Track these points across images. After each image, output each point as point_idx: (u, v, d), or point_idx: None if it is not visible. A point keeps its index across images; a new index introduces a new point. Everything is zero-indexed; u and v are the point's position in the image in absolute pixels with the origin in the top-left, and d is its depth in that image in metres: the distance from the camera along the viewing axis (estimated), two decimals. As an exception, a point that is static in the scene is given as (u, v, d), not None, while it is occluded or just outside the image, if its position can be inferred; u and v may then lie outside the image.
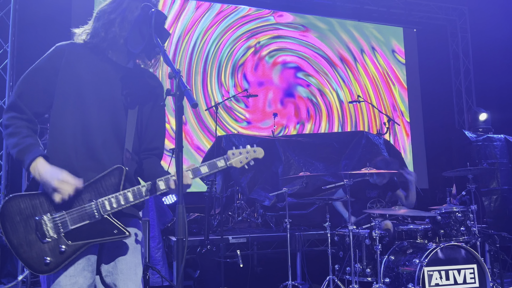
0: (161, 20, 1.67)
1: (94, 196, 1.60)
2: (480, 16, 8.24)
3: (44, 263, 1.54)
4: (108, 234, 1.61)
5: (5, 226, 1.55)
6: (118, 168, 1.64)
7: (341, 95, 7.90)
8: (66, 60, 1.70)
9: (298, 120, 7.51)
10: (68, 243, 1.57)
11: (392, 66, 8.39)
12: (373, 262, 3.76)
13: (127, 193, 1.62)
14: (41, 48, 6.49)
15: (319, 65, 7.83)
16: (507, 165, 5.89)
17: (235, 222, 5.54)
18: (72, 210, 1.59)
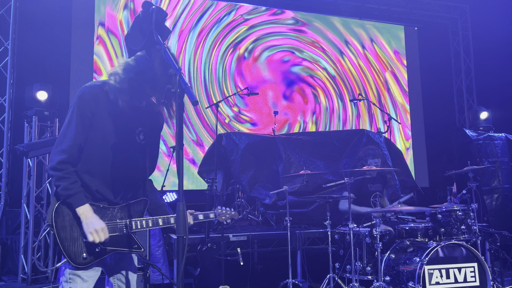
0: (161, 17, 1.67)
1: (125, 216, 2.03)
2: (482, 15, 8.23)
3: (82, 257, 1.90)
4: (129, 246, 2.02)
5: (56, 222, 1.89)
6: (143, 200, 2.11)
7: (342, 93, 7.89)
8: (98, 103, 1.91)
9: (300, 117, 7.50)
10: (101, 246, 1.93)
11: (393, 64, 8.37)
12: (373, 261, 3.76)
13: (148, 220, 2.06)
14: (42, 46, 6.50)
15: (320, 63, 7.82)
16: (508, 163, 5.88)
17: (236, 220, 5.54)
18: (108, 222, 1.95)
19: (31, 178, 5.30)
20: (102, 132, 1.93)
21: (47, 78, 5.72)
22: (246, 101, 7.22)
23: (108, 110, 1.92)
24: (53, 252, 5.29)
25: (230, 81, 7.24)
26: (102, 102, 1.91)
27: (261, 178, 5.47)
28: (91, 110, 1.89)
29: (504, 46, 7.59)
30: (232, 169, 5.40)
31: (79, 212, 1.88)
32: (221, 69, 7.23)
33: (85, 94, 1.90)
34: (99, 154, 1.94)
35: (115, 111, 1.93)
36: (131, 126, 2.00)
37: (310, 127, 7.57)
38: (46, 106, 5.42)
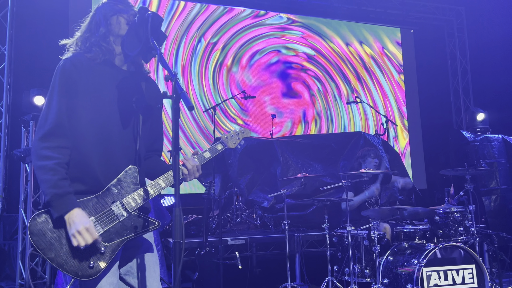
0: (157, 22, 1.68)
1: (116, 197, 1.70)
2: (477, 17, 8.27)
3: (88, 267, 1.61)
4: (140, 228, 1.72)
5: (39, 245, 1.58)
6: (132, 168, 1.76)
7: (338, 95, 7.91)
8: (82, 72, 1.73)
9: (297, 120, 7.51)
10: (105, 244, 1.66)
11: (389, 66, 8.40)
12: (371, 263, 3.76)
13: (147, 187, 1.75)
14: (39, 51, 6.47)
15: (317, 65, 7.84)
16: (505, 164, 5.90)
17: (234, 223, 5.54)
18: (99, 214, 1.67)
19: (29, 184, 5.29)
20: (91, 101, 1.71)
21: (44, 83, 5.68)
22: (242, 105, 7.23)
23: (95, 77, 1.74)
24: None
25: (225, 90, 7.25)
26: (87, 69, 1.73)
27: (259, 181, 5.47)
28: (74, 80, 1.70)
29: (500, 48, 7.62)
30: (230, 172, 5.40)
31: (67, 218, 1.59)
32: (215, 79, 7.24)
33: (66, 64, 1.73)
34: (89, 126, 1.71)
35: (102, 77, 1.76)
36: (123, 94, 1.79)
37: (307, 129, 7.57)
38: (43, 111, 5.40)
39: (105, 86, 1.76)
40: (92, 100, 1.73)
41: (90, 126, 1.71)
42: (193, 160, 1.82)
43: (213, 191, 4.27)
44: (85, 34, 1.83)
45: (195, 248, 4.18)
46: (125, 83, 1.81)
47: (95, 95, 1.74)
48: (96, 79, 1.76)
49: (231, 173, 5.39)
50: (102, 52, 1.77)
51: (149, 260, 1.80)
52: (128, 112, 1.79)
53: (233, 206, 5.68)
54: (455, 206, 3.84)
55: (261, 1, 7.62)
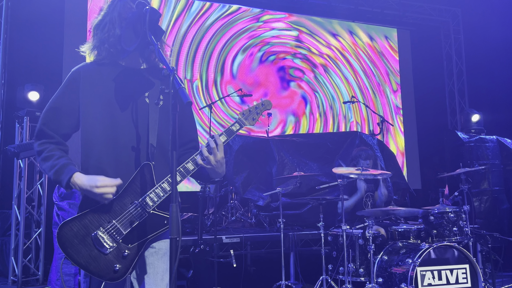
0: (155, 17, 1.66)
1: (134, 197, 1.69)
2: (473, 18, 8.31)
3: (113, 270, 1.65)
4: (159, 226, 1.71)
5: (68, 252, 1.66)
6: (145, 165, 1.71)
7: (334, 95, 7.92)
8: (84, 81, 1.78)
9: (293, 119, 7.51)
10: (128, 246, 1.67)
11: (385, 66, 8.42)
12: (366, 262, 3.77)
13: (163, 184, 1.70)
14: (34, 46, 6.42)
15: (313, 64, 7.84)
16: (498, 166, 5.93)
17: (229, 222, 5.53)
18: (120, 217, 1.68)
19: (22, 180, 5.24)
20: (98, 99, 1.74)
21: (39, 79, 5.67)
22: (240, 103, 7.22)
23: (104, 80, 1.77)
24: (44, 254, 5.23)
25: (224, 85, 7.23)
26: (90, 77, 1.77)
27: (254, 179, 5.47)
28: (73, 91, 1.76)
29: (495, 50, 7.66)
30: (226, 170, 5.38)
31: (73, 186, 1.66)
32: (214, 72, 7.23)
33: (70, 74, 1.81)
34: (98, 129, 1.73)
35: (113, 79, 1.78)
36: (133, 92, 1.77)
37: (302, 128, 7.58)
38: (38, 106, 5.36)
39: (114, 87, 1.77)
40: (99, 105, 1.75)
41: (98, 129, 1.74)
42: (218, 138, 1.71)
43: (208, 189, 4.26)
44: (98, 35, 1.81)
45: (189, 246, 4.17)
46: (135, 81, 1.80)
47: (103, 100, 1.76)
48: (105, 83, 1.77)
49: (226, 171, 5.37)
50: (113, 55, 1.79)
51: (158, 266, 1.75)
52: (139, 110, 1.76)
53: (228, 204, 5.67)
54: (449, 206, 3.86)
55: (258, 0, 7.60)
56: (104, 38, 1.77)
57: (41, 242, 5.29)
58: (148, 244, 1.75)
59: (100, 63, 1.81)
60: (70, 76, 1.81)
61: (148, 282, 1.73)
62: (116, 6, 1.78)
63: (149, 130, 1.73)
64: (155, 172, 1.71)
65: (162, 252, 1.77)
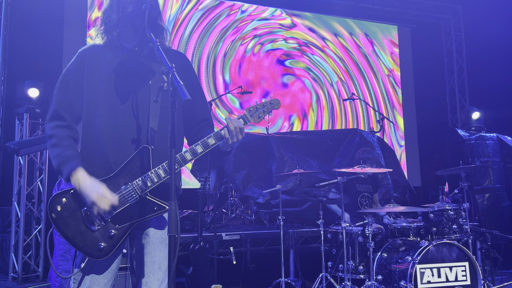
0: (154, 14, 1.66)
1: (128, 179, 1.68)
2: (474, 15, 8.28)
3: (98, 248, 1.65)
4: (149, 211, 1.69)
5: (57, 223, 1.67)
6: (144, 148, 1.70)
7: (335, 92, 7.91)
8: (89, 62, 1.78)
9: (293, 116, 7.51)
10: (116, 226, 1.67)
11: (386, 63, 8.40)
12: (365, 260, 3.77)
13: (158, 170, 1.68)
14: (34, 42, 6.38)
15: (313, 61, 7.82)
16: (499, 163, 5.93)
17: (229, 219, 5.54)
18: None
19: (22, 176, 5.25)
20: (99, 82, 1.75)
21: (39, 75, 5.66)
22: (239, 100, 7.21)
23: (107, 63, 1.77)
24: (44, 251, 5.24)
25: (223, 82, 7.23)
26: (96, 59, 1.78)
27: (254, 177, 5.47)
28: (80, 70, 1.77)
29: (496, 47, 7.65)
30: (226, 168, 5.39)
31: (72, 182, 1.65)
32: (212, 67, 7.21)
33: (76, 56, 1.80)
34: (98, 110, 1.73)
35: (116, 62, 1.78)
36: (135, 73, 1.77)
37: (303, 126, 7.57)
38: (38, 103, 5.36)
39: (117, 71, 1.77)
40: (102, 88, 1.75)
41: (100, 112, 1.73)
42: (237, 121, 1.71)
43: (208, 186, 4.26)
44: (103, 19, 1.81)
45: (189, 243, 4.17)
46: (139, 66, 1.78)
47: (106, 83, 1.75)
48: (109, 65, 1.77)
49: (226, 169, 5.38)
50: (116, 38, 1.78)
51: (156, 255, 1.74)
52: (142, 94, 1.75)
53: (228, 202, 5.67)
54: (449, 204, 3.86)
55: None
56: (107, 22, 1.79)
57: (41, 238, 5.30)
58: (139, 229, 1.74)
59: (105, 45, 1.80)
60: (77, 57, 1.82)
61: (146, 271, 1.73)
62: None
63: (150, 114, 1.73)
64: (153, 157, 1.69)
65: (158, 241, 1.76)
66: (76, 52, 1.85)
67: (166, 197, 1.68)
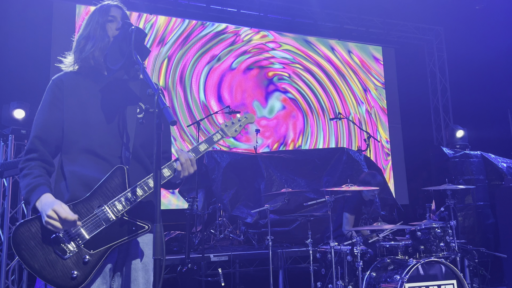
0: (141, 37, 1.67)
1: (103, 200, 1.60)
2: (456, 36, 8.53)
3: (71, 277, 1.53)
4: (127, 232, 1.60)
5: (21, 255, 1.54)
6: (119, 168, 1.64)
7: (322, 112, 7.99)
8: (66, 89, 1.75)
9: (281, 135, 7.55)
10: (90, 252, 1.56)
11: (371, 83, 8.55)
12: (355, 279, 3.75)
13: (135, 188, 1.62)
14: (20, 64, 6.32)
15: (299, 81, 7.92)
16: (483, 181, 6.00)
17: (217, 239, 5.48)
18: (85, 219, 1.58)
19: (6, 199, 5.14)
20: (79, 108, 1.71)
21: (25, 96, 5.62)
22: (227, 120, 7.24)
23: (85, 90, 1.75)
24: (27, 275, 5.10)
25: (211, 101, 7.26)
26: (71, 86, 1.74)
27: (242, 196, 5.45)
28: (57, 98, 1.72)
29: (478, 66, 7.85)
30: (214, 187, 5.36)
31: (37, 207, 1.56)
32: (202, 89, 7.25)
33: (50, 85, 1.76)
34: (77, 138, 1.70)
35: (94, 89, 1.76)
36: (112, 99, 1.76)
37: (290, 145, 7.61)
38: (23, 124, 5.30)
39: (96, 97, 1.75)
40: (79, 112, 1.73)
41: (78, 136, 1.70)
42: (186, 153, 1.66)
43: (196, 207, 4.23)
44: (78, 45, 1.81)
45: (177, 265, 4.11)
46: (117, 92, 1.78)
47: (81, 107, 1.73)
48: (88, 92, 1.75)
49: (214, 188, 5.36)
50: (91, 65, 1.78)
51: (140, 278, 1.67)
52: (113, 119, 1.73)
53: (217, 222, 5.62)
54: (436, 222, 3.88)
55: (246, 19, 7.71)
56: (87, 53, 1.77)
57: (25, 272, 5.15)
58: (121, 251, 1.68)
59: (81, 72, 1.79)
60: (52, 85, 1.76)
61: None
62: (93, 16, 1.81)
63: (124, 136, 1.71)
64: (128, 177, 1.64)
65: (142, 266, 1.70)
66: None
67: (145, 218, 1.64)
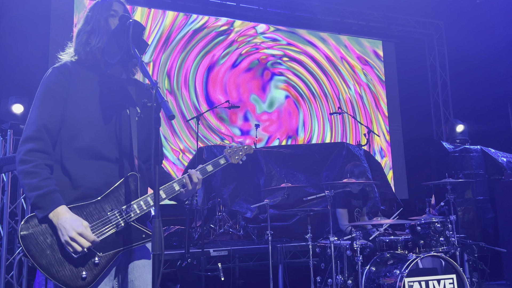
0: (139, 30, 1.65)
1: (115, 205, 1.61)
2: (456, 31, 8.49)
3: (81, 277, 1.51)
4: (136, 239, 1.62)
5: (29, 250, 1.50)
6: (132, 176, 1.66)
7: (322, 106, 7.97)
8: (71, 79, 1.70)
9: (281, 130, 7.53)
10: (100, 254, 1.56)
11: (371, 78, 8.52)
12: (354, 274, 3.75)
13: (147, 197, 1.65)
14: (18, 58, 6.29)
15: (299, 76, 7.90)
16: (483, 176, 6.00)
17: (217, 234, 5.48)
18: (96, 222, 1.58)
19: (5, 194, 5.13)
20: (81, 108, 1.66)
21: (23, 91, 5.59)
22: (227, 115, 7.21)
23: (88, 84, 1.71)
24: (27, 270, 5.10)
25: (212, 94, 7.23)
26: (76, 77, 1.70)
27: (242, 191, 5.44)
28: (63, 86, 1.67)
29: (478, 61, 7.82)
30: (213, 182, 5.36)
31: (51, 217, 1.51)
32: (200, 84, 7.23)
33: (54, 71, 1.71)
34: (82, 131, 1.65)
35: (96, 84, 1.72)
36: (115, 99, 1.74)
37: (290, 140, 7.59)
38: (22, 119, 5.28)
39: (98, 96, 1.72)
40: (83, 106, 1.69)
41: (81, 130, 1.66)
42: (197, 173, 1.80)
43: (195, 202, 4.22)
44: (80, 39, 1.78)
45: (177, 259, 4.11)
46: (118, 92, 1.77)
47: (85, 101, 1.70)
48: (90, 88, 1.72)
49: (214, 183, 5.35)
50: (97, 59, 1.76)
51: (147, 278, 1.69)
52: (122, 122, 1.72)
53: (216, 217, 5.62)
54: (436, 217, 3.88)
55: (246, 13, 7.67)
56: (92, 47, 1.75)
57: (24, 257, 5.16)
58: (125, 257, 1.68)
59: (82, 64, 1.76)
60: (57, 73, 1.71)
61: None
62: (95, 10, 1.79)
63: (132, 143, 1.70)
64: (139, 184, 1.67)
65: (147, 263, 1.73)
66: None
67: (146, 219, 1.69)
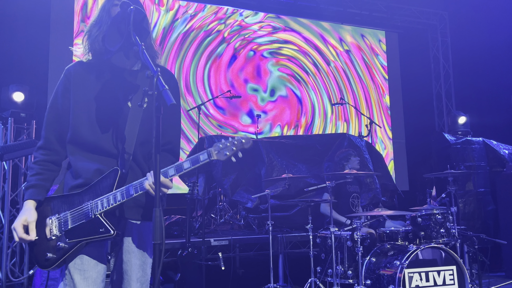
0: (140, 18, 1.63)
1: (92, 197, 1.71)
2: (460, 21, 8.41)
3: (45, 258, 1.71)
4: (95, 232, 1.69)
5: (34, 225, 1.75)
6: (114, 170, 1.71)
7: (324, 97, 7.94)
8: (74, 80, 1.80)
9: (282, 120, 7.51)
10: (66, 240, 1.71)
11: (373, 69, 8.47)
12: (354, 264, 3.77)
13: (117, 193, 1.68)
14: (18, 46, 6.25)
15: (301, 66, 7.85)
16: (484, 167, 5.99)
17: (217, 224, 5.50)
18: (74, 209, 1.72)
19: (6, 182, 5.14)
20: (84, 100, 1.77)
21: (24, 79, 5.57)
22: (228, 104, 7.19)
23: (92, 81, 1.79)
24: (28, 258, 5.13)
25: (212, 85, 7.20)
26: (81, 74, 1.80)
27: (243, 181, 5.44)
28: (66, 86, 1.80)
29: (482, 52, 7.76)
30: (214, 172, 5.35)
31: None
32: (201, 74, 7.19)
33: (66, 70, 1.84)
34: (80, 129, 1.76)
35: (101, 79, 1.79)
36: (117, 91, 1.79)
37: (292, 130, 7.58)
38: (23, 107, 5.27)
39: (99, 89, 1.78)
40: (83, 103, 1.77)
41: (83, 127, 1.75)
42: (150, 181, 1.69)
43: (196, 191, 4.22)
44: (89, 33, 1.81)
45: (177, 249, 4.13)
46: (120, 84, 1.80)
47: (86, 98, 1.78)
48: (92, 84, 1.79)
49: (215, 173, 5.35)
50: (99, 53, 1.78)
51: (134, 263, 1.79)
52: (121, 115, 1.77)
53: (217, 207, 5.64)
54: (437, 208, 3.88)
55: (248, 1, 7.59)
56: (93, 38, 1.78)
57: (26, 245, 5.19)
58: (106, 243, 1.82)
59: (88, 62, 1.82)
60: (63, 76, 1.84)
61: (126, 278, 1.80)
62: (105, 6, 1.80)
63: (126, 138, 1.74)
64: (119, 180, 1.69)
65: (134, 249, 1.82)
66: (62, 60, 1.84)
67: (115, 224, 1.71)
